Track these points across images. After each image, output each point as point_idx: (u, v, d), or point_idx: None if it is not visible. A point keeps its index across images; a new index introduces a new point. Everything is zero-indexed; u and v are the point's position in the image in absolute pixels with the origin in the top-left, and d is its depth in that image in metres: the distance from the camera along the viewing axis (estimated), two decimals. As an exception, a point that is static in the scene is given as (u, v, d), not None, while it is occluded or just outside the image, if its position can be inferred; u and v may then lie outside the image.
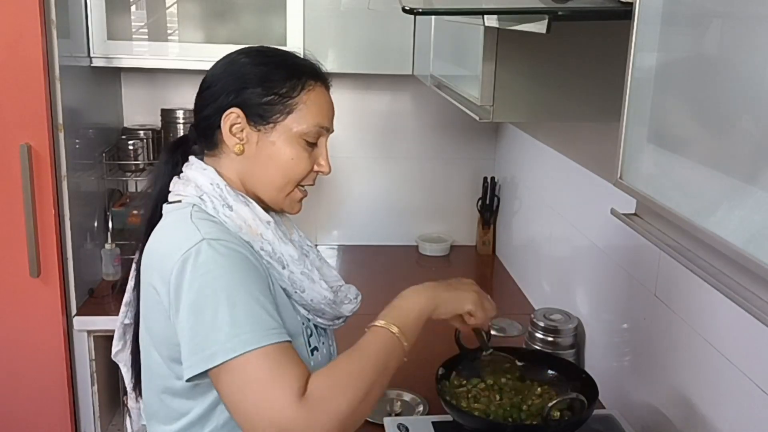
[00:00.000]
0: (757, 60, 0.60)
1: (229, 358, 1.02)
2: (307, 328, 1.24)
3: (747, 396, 1.18)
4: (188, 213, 1.16)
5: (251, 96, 1.20)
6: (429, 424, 1.52)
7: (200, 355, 1.04)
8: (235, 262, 1.09)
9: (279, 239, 1.20)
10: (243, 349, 1.02)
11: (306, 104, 1.21)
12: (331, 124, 1.26)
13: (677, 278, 1.42)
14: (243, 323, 1.04)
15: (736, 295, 0.64)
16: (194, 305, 1.05)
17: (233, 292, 1.05)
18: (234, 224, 1.17)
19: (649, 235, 0.79)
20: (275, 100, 1.20)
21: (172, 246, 1.11)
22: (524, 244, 2.54)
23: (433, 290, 1.25)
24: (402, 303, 1.21)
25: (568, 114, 1.47)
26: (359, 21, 2.44)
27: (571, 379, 1.52)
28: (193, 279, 1.06)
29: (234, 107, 1.20)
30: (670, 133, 0.76)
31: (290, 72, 1.22)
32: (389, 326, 1.15)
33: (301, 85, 1.21)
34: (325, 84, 1.26)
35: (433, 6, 1.26)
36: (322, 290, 1.23)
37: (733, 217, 0.64)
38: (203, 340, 1.04)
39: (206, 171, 1.21)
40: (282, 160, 1.21)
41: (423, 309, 1.21)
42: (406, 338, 1.15)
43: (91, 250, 2.37)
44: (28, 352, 2.17)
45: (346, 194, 2.89)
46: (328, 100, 1.26)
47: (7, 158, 2.03)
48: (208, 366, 1.04)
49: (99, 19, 2.32)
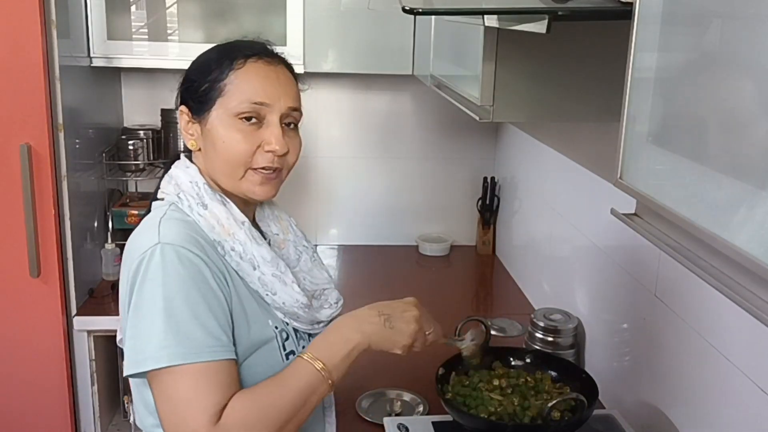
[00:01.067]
0: (757, 60, 0.60)
1: (157, 367, 1.05)
2: (282, 331, 1.22)
3: (747, 396, 1.18)
4: (162, 212, 1.17)
5: (191, 89, 1.21)
6: (429, 424, 1.52)
7: (134, 357, 1.07)
8: (184, 271, 1.08)
9: (251, 240, 1.19)
10: (168, 362, 1.04)
11: (233, 83, 1.17)
12: (272, 99, 1.18)
13: (677, 278, 1.42)
14: (174, 336, 1.05)
15: (736, 295, 0.64)
16: (137, 307, 1.07)
17: (173, 303, 1.06)
18: (207, 223, 1.17)
19: (649, 235, 0.79)
20: (208, 87, 1.18)
21: (135, 246, 1.13)
22: (524, 244, 2.54)
23: (369, 327, 1.19)
24: (334, 337, 1.18)
25: (568, 114, 1.47)
26: (359, 21, 2.44)
27: (571, 379, 1.52)
28: (142, 282, 1.08)
29: (182, 104, 1.22)
30: (670, 133, 0.76)
31: (222, 55, 1.20)
32: (314, 361, 1.13)
33: (229, 64, 1.18)
34: (263, 59, 1.21)
35: (433, 6, 1.26)
36: (295, 293, 1.22)
37: (733, 217, 0.64)
38: (138, 343, 1.07)
39: (189, 169, 1.22)
40: (219, 145, 1.18)
41: (354, 346, 1.17)
42: (332, 375, 1.13)
43: (91, 250, 2.37)
44: (28, 352, 2.17)
45: (347, 194, 2.89)
46: (264, 74, 1.19)
47: (7, 158, 2.03)
48: (138, 370, 1.06)
49: (99, 19, 2.32)
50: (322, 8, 2.42)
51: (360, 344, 1.17)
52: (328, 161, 2.84)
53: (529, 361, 1.59)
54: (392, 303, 1.25)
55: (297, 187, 2.82)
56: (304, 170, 2.82)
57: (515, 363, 1.59)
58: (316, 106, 2.77)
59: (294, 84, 1.25)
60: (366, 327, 1.19)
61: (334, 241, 2.93)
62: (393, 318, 1.22)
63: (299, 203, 2.82)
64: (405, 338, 1.22)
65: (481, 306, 2.56)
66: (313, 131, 2.81)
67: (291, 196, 2.79)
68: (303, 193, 2.84)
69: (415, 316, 1.24)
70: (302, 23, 2.38)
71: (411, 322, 1.23)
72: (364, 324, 1.19)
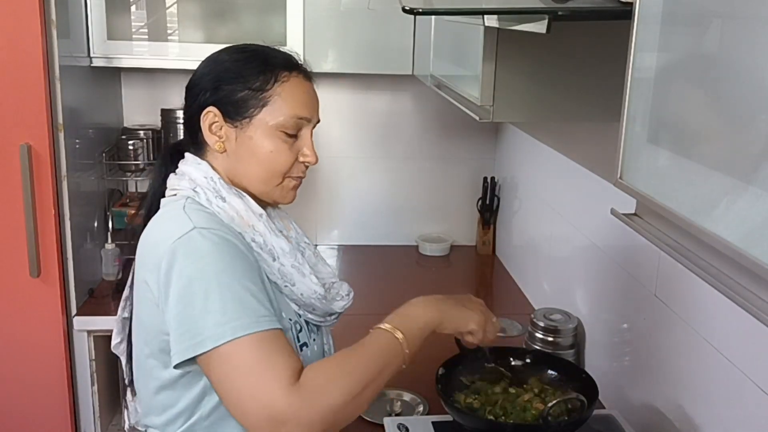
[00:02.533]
0: (757, 60, 0.60)
1: (219, 344, 1.03)
2: (296, 323, 1.24)
3: (747, 396, 1.18)
4: (182, 204, 1.17)
5: (226, 93, 1.21)
6: (429, 424, 1.52)
7: (189, 342, 1.05)
8: (225, 250, 1.09)
9: (271, 231, 1.20)
10: (233, 336, 1.03)
11: (280, 96, 1.20)
12: (311, 113, 1.25)
13: (677, 278, 1.42)
14: (232, 310, 1.04)
15: (736, 295, 0.64)
16: (184, 292, 1.06)
17: (223, 280, 1.06)
18: (226, 215, 1.18)
19: (649, 235, 0.79)
20: (249, 94, 1.20)
21: (163, 235, 1.12)
22: (524, 244, 2.54)
23: (442, 304, 1.25)
24: (410, 311, 1.21)
25: (568, 114, 1.47)
26: (359, 21, 2.44)
27: (571, 379, 1.52)
28: (183, 267, 1.07)
29: (211, 106, 1.22)
30: (670, 133, 0.76)
31: (263, 65, 1.22)
32: (394, 331, 1.15)
33: (273, 77, 1.20)
34: (302, 74, 1.25)
35: (433, 6, 1.26)
36: (312, 284, 1.23)
37: (733, 217, 0.64)
38: (192, 326, 1.05)
39: (201, 165, 1.23)
40: (261, 154, 1.21)
41: (429, 321, 1.21)
42: (409, 345, 1.15)
43: (91, 250, 2.37)
44: (28, 352, 2.17)
45: (346, 194, 2.89)
46: (305, 90, 1.24)
47: (7, 158, 2.03)
48: (197, 352, 1.04)
49: (99, 19, 2.32)
50: (322, 8, 2.41)
51: (435, 319, 1.22)
52: (328, 161, 2.84)
53: (529, 361, 1.59)
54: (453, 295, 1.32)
55: (297, 187, 2.82)
56: (304, 170, 2.82)
57: (515, 363, 1.58)
58: (316, 106, 2.77)
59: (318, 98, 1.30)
60: (440, 305, 1.24)
61: (334, 241, 2.92)
62: (462, 300, 1.31)
63: (299, 203, 2.79)
64: (478, 315, 1.29)
65: (481, 306, 2.56)
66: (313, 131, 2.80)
67: (291, 196, 2.80)
68: (303, 193, 2.82)
69: (480, 301, 1.35)
70: (302, 23, 2.38)
71: (478, 307, 1.32)
72: (437, 303, 1.25)
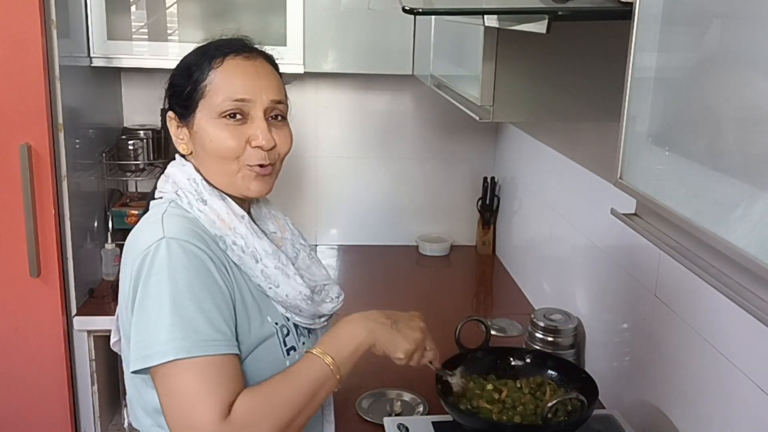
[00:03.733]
0: (757, 60, 0.60)
1: (162, 362, 1.04)
2: (283, 327, 1.23)
3: (747, 396, 1.18)
4: (163, 209, 1.17)
5: (175, 94, 1.22)
6: (429, 424, 1.52)
7: (140, 352, 1.07)
8: (189, 265, 1.08)
9: (252, 233, 1.20)
10: (175, 356, 1.04)
11: (212, 82, 1.18)
12: (254, 94, 1.18)
13: (677, 278, 1.42)
14: (180, 329, 1.04)
15: (737, 296, 0.64)
16: (142, 302, 1.07)
17: (178, 297, 1.06)
18: (207, 218, 1.17)
19: (649, 235, 0.79)
20: (190, 89, 1.19)
21: (138, 242, 1.13)
22: (524, 244, 2.54)
23: (376, 326, 1.22)
24: (342, 333, 1.20)
25: (568, 114, 1.47)
26: (359, 21, 2.44)
27: (571, 379, 1.52)
28: (147, 277, 1.08)
29: (169, 110, 1.23)
30: (670, 133, 0.76)
31: (199, 56, 1.21)
32: (324, 356, 1.14)
33: (208, 65, 1.19)
34: (240, 55, 1.20)
35: (433, 6, 1.26)
36: (297, 285, 1.23)
37: (733, 217, 0.64)
38: (144, 338, 1.06)
39: (185, 167, 1.23)
40: (206, 145, 1.19)
41: (361, 343, 1.19)
42: (340, 371, 1.15)
43: (91, 250, 2.37)
44: (28, 352, 2.17)
45: (346, 194, 2.89)
46: (244, 70, 1.19)
47: (7, 158, 2.03)
48: (144, 365, 1.06)
49: (99, 19, 2.32)
50: (322, 8, 2.41)
51: (366, 341, 1.19)
52: (328, 161, 2.84)
53: (529, 361, 1.59)
54: (399, 312, 1.29)
55: (297, 187, 2.82)
56: (304, 170, 2.83)
57: (515, 363, 1.58)
58: (316, 106, 2.77)
59: (275, 76, 1.24)
60: (373, 325, 1.21)
61: (334, 241, 2.92)
62: (400, 323, 1.25)
63: (299, 203, 2.82)
64: (409, 342, 1.24)
65: (481, 306, 2.56)
66: (313, 131, 2.81)
67: (291, 196, 2.80)
68: (303, 193, 2.84)
69: (421, 326, 1.28)
70: (302, 23, 2.38)
71: (416, 330, 1.26)
72: (371, 322, 1.22)
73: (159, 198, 1.23)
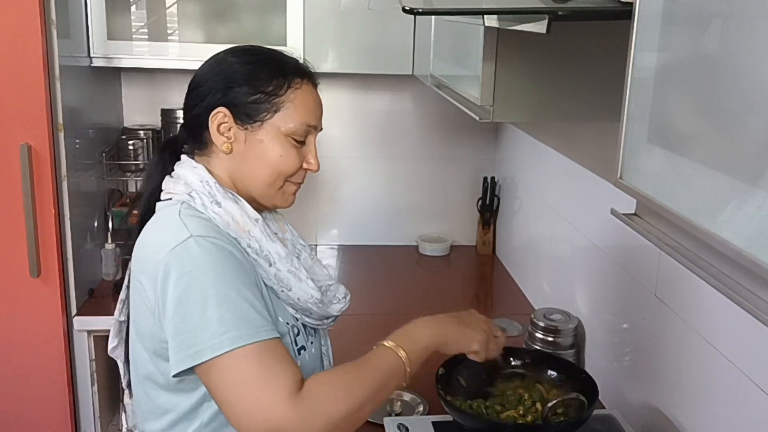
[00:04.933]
0: (758, 60, 0.60)
1: (217, 354, 1.03)
2: (293, 327, 1.23)
3: (747, 396, 1.18)
4: (177, 210, 1.16)
5: (238, 95, 1.21)
6: (429, 424, 1.52)
7: (187, 351, 1.05)
8: (222, 258, 1.09)
9: (266, 237, 1.20)
10: (231, 346, 1.03)
11: (293, 102, 1.21)
12: (318, 122, 1.27)
13: (677, 278, 1.42)
14: (230, 320, 1.04)
15: (736, 295, 0.64)
16: (181, 302, 1.06)
17: (220, 289, 1.06)
18: (222, 221, 1.17)
19: (649, 235, 0.79)
20: (261, 98, 1.20)
21: (159, 243, 1.11)
22: (524, 244, 2.54)
23: (444, 327, 1.27)
24: (413, 331, 1.23)
25: (568, 114, 1.47)
26: (359, 21, 2.44)
27: (571, 379, 1.52)
28: (180, 276, 1.06)
29: (221, 106, 1.21)
30: (670, 132, 0.76)
31: (276, 70, 1.22)
32: (397, 349, 1.16)
33: (287, 83, 1.21)
34: (312, 82, 1.26)
35: (433, 6, 1.26)
36: (309, 289, 1.23)
37: (733, 217, 0.64)
38: (190, 336, 1.05)
39: (196, 169, 1.22)
40: (270, 158, 1.21)
41: (431, 343, 1.23)
42: (410, 364, 1.17)
43: (91, 250, 2.37)
44: (28, 352, 2.17)
45: (347, 194, 2.89)
46: (315, 98, 1.27)
47: (7, 158, 2.03)
48: (194, 362, 1.04)
49: (99, 19, 2.32)
50: (322, 8, 2.41)
51: (435, 341, 1.24)
52: (328, 161, 2.83)
53: (529, 361, 1.59)
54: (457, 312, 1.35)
55: (297, 187, 2.82)
56: (304, 170, 2.82)
57: (515, 363, 1.58)
58: (316, 106, 2.77)
59: None
60: (441, 327, 1.27)
61: (334, 241, 2.92)
62: (463, 320, 1.32)
63: (299, 203, 2.80)
64: (479, 334, 1.31)
65: (481, 306, 2.55)
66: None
67: (291, 196, 2.79)
68: (303, 193, 2.80)
69: (483, 318, 1.37)
70: (302, 23, 2.38)
71: (480, 321, 1.35)
72: (440, 325, 1.27)
73: (167, 199, 1.22)
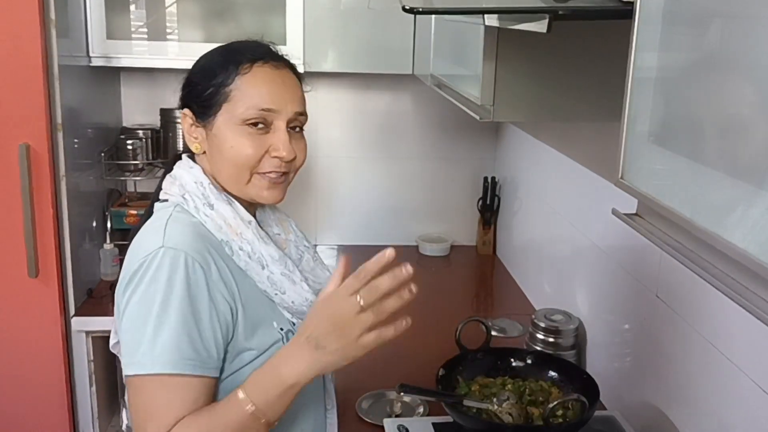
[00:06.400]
0: (758, 60, 0.60)
1: (137, 373, 1.05)
2: (288, 332, 1.20)
3: (749, 396, 1.18)
4: (168, 213, 1.16)
5: (195, 93, 1.19)
6: (429, 425, 1.51)
7: (125, 359, 1.09)
8: (183, 278, 1.07)
9: (259, 239, 1.18)
10: (149, 370, 1.05)
11: (240, 88, 1.16)
12: (280, 104, 1.17)
13: (679, 279, 1.41)
14: (161, 344, 1.05)
15: (738, 296, 0.63)
16: (131, 310, 1.08)
17: (166, 310, 1.06)
18: (214, 224, 1.16)
19: (650, 235, 0.79)
20: (212, 91, 1.17)
21: (140, 248, 1.12)
22: (525, 244, 2.54)
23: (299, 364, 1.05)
24: (269, 378, 1.06)
25: (569, 114, 1.47)
26: (359, 21, 2.44)
27: (572, 380, 1.52)
28: (138, 284, 1.08)
29: (185, 107, 1.21)
30: (671, 132, 0.76)
31: (225, 59, 1.18)
32: (247, 404, 1.05)
33: (235, 69, 1.17)
34: (269, 63, 1.19)
35: (433, 5, 1.26)
36: (303, 292, 1.21)
37: (734, 217, 0.63)
38: (127, 346, 1.08)
39: (192, 169, 1.21)
40: (225, 150, 1.17)
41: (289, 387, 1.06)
42: (266, 415, 1.06)
43: (90, 250, 2.37)
44: (27, 352, 2.17)
45: (346, 194, 2.89)
46: (272, 79, 1.18)
47: (6, 158, 2.02)
48: (127, 372, 1.07)
49: (98, 19, 2.32)
50: (322, 8, 2.41)
51: (294, 385, 1.06)
52: (328, 161, 2.84)
53: (530, 362, 1.58)
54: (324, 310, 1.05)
55: (297, 187, 2.80)
56: (304, 170, 2.79)
57: (516, 364, 1.58)
58: (316, 106, 2.75)
59: (299, 87, 1.24)
60: (297, 365, 1.05)
61: (334, 241, 2.92)
62: (323, 337, 1.04)
63: (299, 203, 2.82)
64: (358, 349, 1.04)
65: (482, 306, 2.55)
66: (313, 131, 2.78)
67: (291, 196, 2.77)
68: (303, 193, 2.84)
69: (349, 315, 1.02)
70: (302, 23, 2.38)
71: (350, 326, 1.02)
72: (295, 362, 1.06)
73: (165, 200, 1.21)
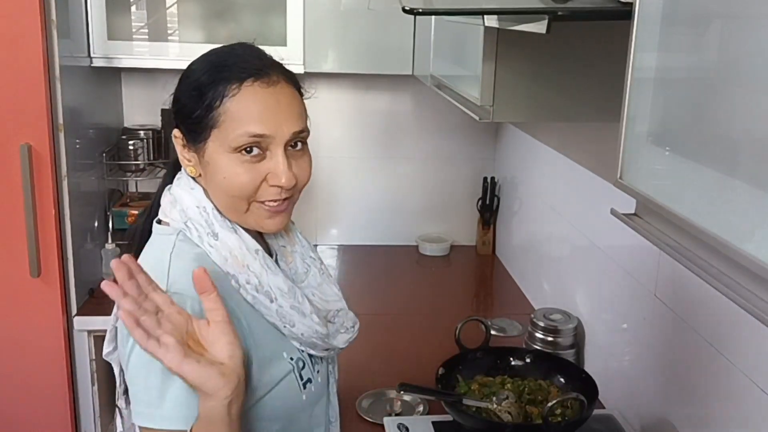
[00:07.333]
0: (758, 60, 0.60)
1: (144, 425, 1.00)
2: (299, 360, 1.16)
3: (748, 396, 1.18)
4: (172, 243, 1.09)
5: (184, 113, 1.09)
6: (429, 424, 1.52)
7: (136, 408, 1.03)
8: None
9: (267, 270, 1.10)
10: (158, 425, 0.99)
11: (227, 114, 1.05)
12: (273, 128, 1.06)
13: (677, 278, 1.42)
14: (171, 399, 0.99)
15: (736, 295, 0.64)
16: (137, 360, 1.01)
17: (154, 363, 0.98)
18: (219, 255, 1.09)
19: (649, 235, 0.79)
20: (200, 114, 1.06)
21: None
22: (524, 244, 2.54)
23: None
24: None
25: (568, 114, 1.47)
26: (359, 21, 2.44)
27: (571, 379, 1.52)
28: None
29: (176, 127, 1.12)
30: (670, 133, 0.76)
31: (213, 77, 1.06)
32: None
33: (222, 91, 1.05)
34: (258, 79, 1.06)
35: (433, 6, 1.26)
36: (314, 324, 1.14)
37: (733, 217, 0.64)
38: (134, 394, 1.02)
39: (194, 191, 1.12)
40: (218, 180, 1.07)
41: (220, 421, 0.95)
42: None
43: (92, 250, 2.37)
44: (29, 352, 2.17)
45: (347, 194, 2.89)
46: (262, 100, 1.06)
47: (8, 158, 2.03)
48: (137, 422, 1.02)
49: (99, 19, 2.32)
50: (322, 8, 2.41)
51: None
52: (328, 161, 2.84)
53: (529, 361, 1.59)
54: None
55: (297, 187, 2.82)
56: (304, 170, 2.82)
57: (515, 363, 1.59)
58: (316, 106, 2.74)
59: (297, 101, 1.13)
60: None
61: (334, 241, 2.92)
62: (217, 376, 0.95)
63: (299, 203, 2.81)
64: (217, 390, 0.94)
65: (481, 306, 2.56)
66: (313, 131, 2.75)
67: (291, 196, 2.80)
68: (303, 194, 2.83)
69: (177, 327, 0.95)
70: (302, 23, 2.38)
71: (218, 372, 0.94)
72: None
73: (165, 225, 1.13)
